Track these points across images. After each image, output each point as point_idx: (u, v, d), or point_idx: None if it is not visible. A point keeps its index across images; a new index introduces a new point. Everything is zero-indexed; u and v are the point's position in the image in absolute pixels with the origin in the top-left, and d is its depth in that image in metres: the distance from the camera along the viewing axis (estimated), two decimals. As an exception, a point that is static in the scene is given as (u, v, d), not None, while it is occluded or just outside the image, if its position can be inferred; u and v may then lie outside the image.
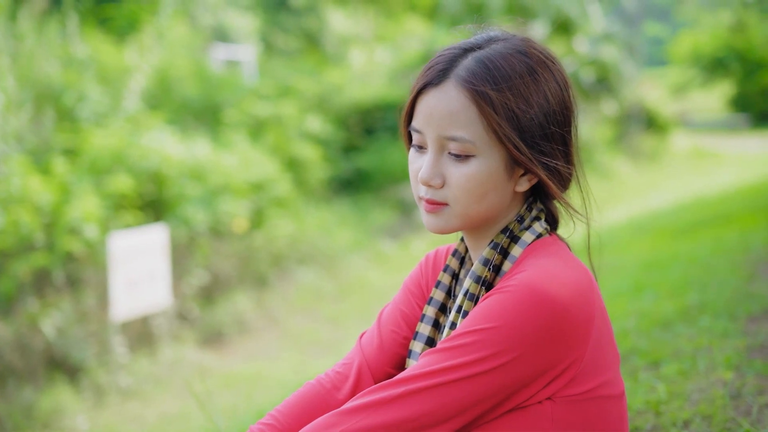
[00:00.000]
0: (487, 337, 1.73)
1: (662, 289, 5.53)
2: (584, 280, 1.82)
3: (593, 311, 1.80)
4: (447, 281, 2.08)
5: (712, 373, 3.28)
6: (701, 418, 2.81)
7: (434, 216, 1.92)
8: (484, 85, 1.84)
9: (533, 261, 1.85)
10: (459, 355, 1.74)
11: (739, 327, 4.01)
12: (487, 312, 1.76)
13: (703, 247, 7.34)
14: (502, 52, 1.88)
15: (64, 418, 8.46)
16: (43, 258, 9.42)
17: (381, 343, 2.14)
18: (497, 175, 1.87)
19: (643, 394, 3.18)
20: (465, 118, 1.84)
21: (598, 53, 21.85)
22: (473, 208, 1.89)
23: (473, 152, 1.85)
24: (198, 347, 10.25)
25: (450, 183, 1.88)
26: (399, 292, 2.24)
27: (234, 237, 11.71)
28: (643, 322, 4.46)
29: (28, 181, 9.73)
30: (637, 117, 23.98)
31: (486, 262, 1.92)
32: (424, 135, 1.91)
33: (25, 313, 9.18)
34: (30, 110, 11.23)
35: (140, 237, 9.47)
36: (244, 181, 12.07)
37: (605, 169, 20.38)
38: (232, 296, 11.13)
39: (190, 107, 14.06)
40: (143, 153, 10.96)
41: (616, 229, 11.17)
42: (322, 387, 2.10)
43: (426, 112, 1.90)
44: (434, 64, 1.92)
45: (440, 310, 2.07)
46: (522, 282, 1.76)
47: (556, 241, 1.96)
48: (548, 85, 1.89)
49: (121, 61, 13.00)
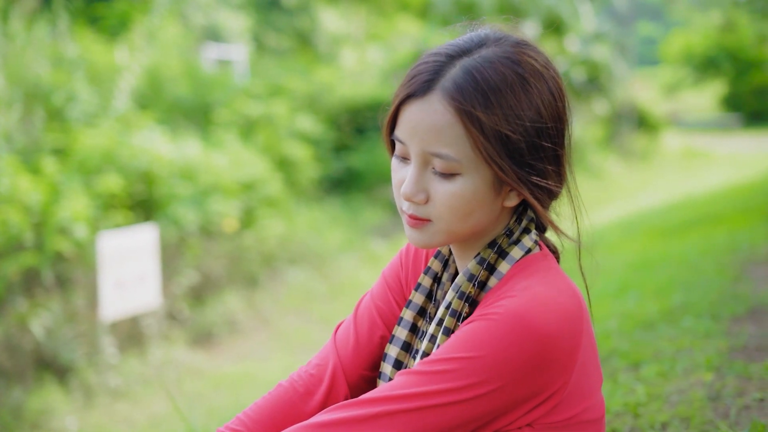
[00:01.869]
0: (470, 365, 1.66)
1: (647, 289, 5.52)
2: (573, 306, 1.73)
3: (580, 339, 1.74)
4: (428, 284, 1.99)
5: (692, 374, 3.27)
6: (679, 420, 2.80)
7: (417, 231, 1.83)
8: (471, 103, 1.71)
9: (522, 282, 1.76)
10: (439, 381, 1.67)
11: (722, 328, 4.01)
12: (472, 339, 1.69)
13: (692, 248, 7.35)
14: (491, 60, 1.76)
15: (53, 419, 8.44)
16: (32, 258, 9.40)
17: (357, 342, 2.06)
18: (483, 192, 1.77)
19: (622, 396, 3.16)
20: (451, 135, 1.74)
21: (589, 53, 21.89)
22: (458, 226, 1.80)
23: (459, 170, 1.75)
24: (188, 348, 10.23)
25: (434, 200, 1.78)
26: (377, 284, 2.14)
27: (224, 237, 11.69)
28: (625, 323, 4.45)
29: (18, 181, 9.70)
30: (628, 117, 24.04)
31: (471, 277, 1.84)
32: (407, 147, 1.80)
33: (14, 313, 9.16)
34: (20, 110, 11.20)
35: (130, 237, 9.46)
36: (235, 181, 12.06)
37: (596, 169, 20.43)
38: (222, 296, 11.12)
39: (181, 107, 14.04)
40: (133, 153, 10.94)
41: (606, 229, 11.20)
42: (295, 392, 2.02)
43: (410, 124, 1.78)
44: (418, 73, 1.79)
45: (419, 314, 1.99)
46: (510, 310, 1.68)
47: (546, 257, 1.86)
48: (541, 96, 1.77)
49: (111, 60, 12.98)
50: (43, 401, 8.60)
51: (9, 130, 10.82)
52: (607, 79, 22.33)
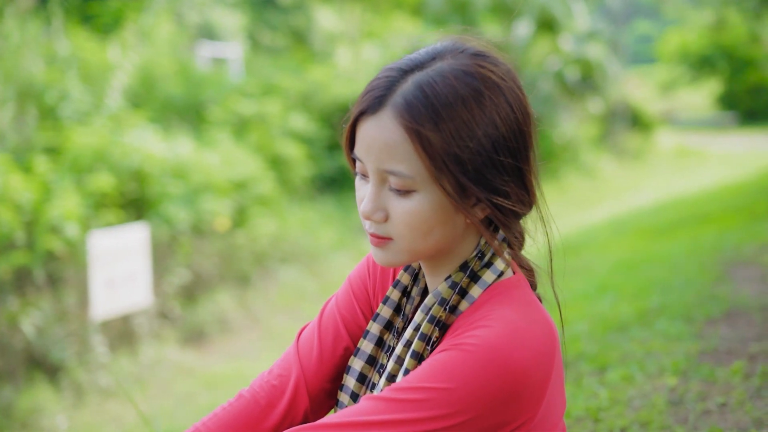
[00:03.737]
0: (439, 396, 1.63)
1: (626, 291, 5.51)
2: (546, 339, 1.70)
3: (551, 372, 1.70)
4: (396, 298, 1.94)
5: (657, 378, 3.27)
6: (639, 425, 2.80)
7: (381, 250, 1.78)
8: (420, 122, 1.66)
9: (497, 311, 1.71)
10: (407, 409, 1.64)
11: (695, 330, 4.01)
12: (444, 369, 1.65)
13: (678, 248, 7.36)
14: (444, 74, 1.70)
15: (44, 418, 8.45)
16: (24, 257, 9.41)
17: (320, 354, 2.01)
18: (442, 209, 1.72)
19: (585, 401, 3.16)
20: (403, 152, 1.69)
21: (582, 52, 21.89)
22: (419, 244, 1.75)
23: (414, 187, 1.70)
24: (179, 347, 10.25)
25: (393, 218, 1.74)
26: (342, 291, 2.09)
27: (216, 236, 11.71)
28: (597, 326, 4.45)
29: (9, 180, 9.71)
30: (622, 115, 24.06)
31: (443, 301, 1.78)
32: (365, 165, 1.75)
33: (5, 312, 9.16)
34: (12, 108, 11.21)
35: (121, 236, 9.46)
36: (227, 180, 12.07)
37: (589, 168, 20.45)
38: (213, 295, 11.13)
39: (174, 105, 14.04)
40: (125, 151, 10.95)
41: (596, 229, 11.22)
42: (257, 404, 1.97)
43: (365, 141, 1.74)
44: (372, 89, 1.74)
45: (386, 328, 1.94)
46: (483, 342, 1.64)
47: (519, 282, 1.81)
48: (498, 109, 1.70)
49: (104, 59, 12.97)
50: (34, 400, 8.62)
51: (1, 128, 10.84)
52: (601, 77, 22.32)
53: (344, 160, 1.96)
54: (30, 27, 12.65)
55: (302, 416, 1.98)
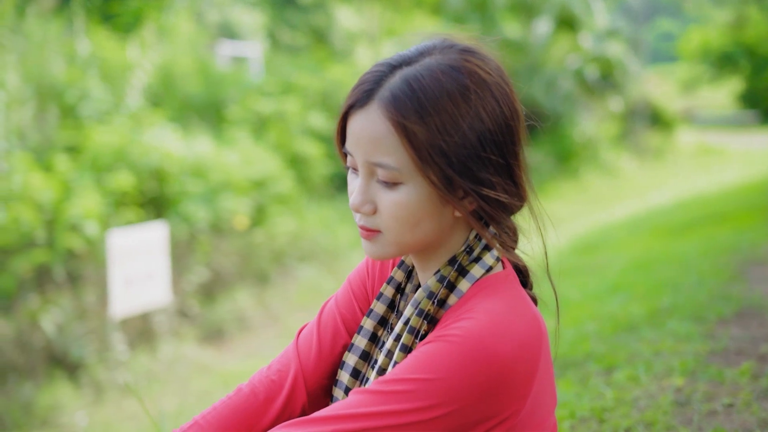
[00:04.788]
0: (423, 387, 1.65)
1: (638, 290, 5.49)
2: (532, 332, 1.72)
3: (537, 365, 1.72)
4: (390, 294, 1.97)
5: (664, 378, 3.26)
6: (644, 426, 2.80)
7: (370, 243, 1.82)
8: (405, 115, 1.70)
9: (481, 304, 1.73)
10: (392, 401, 1.66)
11: (705, 330, 3.99)
12: (429, 360, 1.67)
13: (693, 247, 7.33)
14: (432, 69, 1.73)
15: (63, 415, 8.51)
16: (44, 255, 9.48)
17: (319, 350, 2.03)
18: (429, 201, 1.74)
19: (591, 401, 3.17)
20: (389, 145, 1.72)
21: (602, 50, 21.82)
22: (407, 236, 1.77)
23: (401, 179, 1.73)
24: (198, 344, 10.29)
25: (381, 210, 1.77)
26: (341, 290, 2.12)
27: (235, 234, 11.74)
28: (606, 326, 4.45)
29: (30, 178, 9.79)
30: (642, 114, 23.96)
31: (431, 295, 1.81)
32: (354, 158, 1.79)
33: (26, 310, 9.24)
34: (33, 107, 11.29)
35: (140, 234, 9.50)
36: (246, 179, 12.11)
37: (609, 167, 20.38)
38: (232, 293, 11.17)
39: (193, 104, 14.08)
40: (145, 150, 11.01)
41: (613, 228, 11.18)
42: (255, 398, 1.99)
43: (354, 135, 1.77)
44: (361, 83, 1.78)
45: (380, 324, 1.97)
46: (467, 333, 1.66)
47: (508, 277, 1.83)
48: (483, 103, 1.72)
49: (124, 58, 13.04)
50: (54, 397, 8.68)
51: (23, 127, 10.91)
52: (621, 76, 22.25)
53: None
54: (52, 26, 12.73)
55: (300, 411, 2.01)
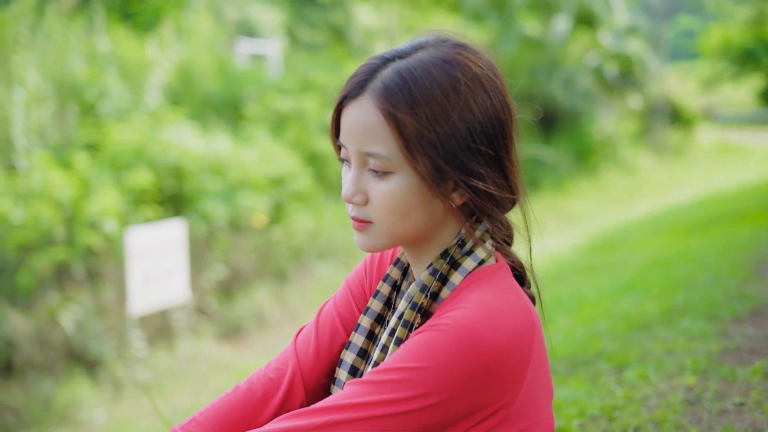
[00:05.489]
0: (415, 376, 1.66)
1: (653, 289, 5.47)
2: (523, 320, 1.73)
3: (529, 354, 1.72)
4: (386, 291, 1.99)
5: (676, 377, 3.25)
6: (653, 425, 2.79)
7: (362, 234, 1.84)
8: (395, 105, 1.73)
9: (472, 295, 1.74)
10: (385, 391, 1.67)
11: (719, 329, 3.97)
12: (419, 349, 1.68)
13: (711, 245, 7.29)
14: (424, 62, 1.77)
15: (82, 411, 8.56)
16: (63, 252, 9.54)
17: (317, 349, 2.06)
18: (420, 191, 1.77)
19: (600, 400, 3.16)
20: (380, 134, 1.75)
21: (622, 47, 21.73)
22: (398, 227, 1.79)
23: (391, 169, 1.76)
24: (216, 342, 10.33)
25: (372, 201, 1.79)
26: (340, 291, 2.13)
27: (253, 232, 11.77)
28: (619, 325, 4.43)
29: (50, 176, 9.85)
30: (662, 111, 23.86)
31: (424, 288, 1.82)
32: (347, 149, 1.82)
33: (45, 307, 9.30)
34: (53, 105, 11.35)
35: (159, 231, 9.53)
36: (264, 176, 12.13)
37: (628, 164, 20.31)
38: (250, 291, 11.20)
39: (212, 102, 14.12)
40: (163, 148, 11.06)
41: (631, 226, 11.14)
42: (253, 395, 2.01)
43: (347, 126, 1.80)
44: (355, 75, 1.82)
45: (376, 321, 1.99)
46: (458, 322, 1.67)
47: (501, 268, 1.84)
48: (474, 95, 1.76)
49: (143, 56, 13.09)
50: (72, 394, 8.73)
51: (43, 125, 10.98)
52: (641, 73, 22.15)
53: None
54: (72, 25, 12.80)
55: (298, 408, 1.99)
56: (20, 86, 10.94)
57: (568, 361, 3.85)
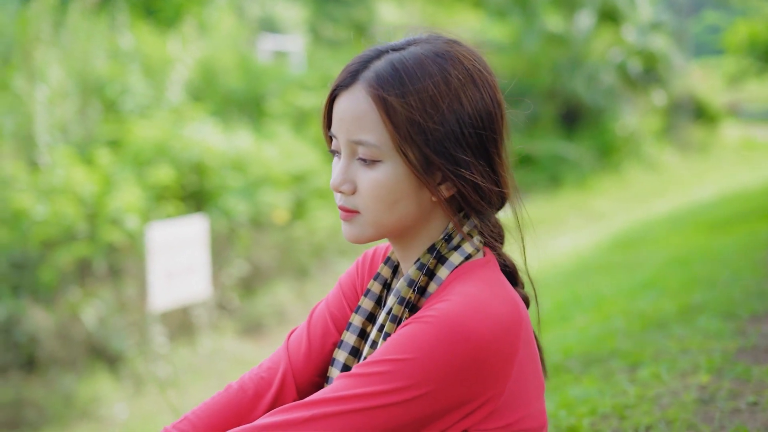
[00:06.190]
0: (400, 368, 1.67)
1: (671, 286, 5.43)
2: (509, 312, 1.73)
3: (516, 346, 1.72)
4: (377, 290, 1.99)
5: (690, 376, 3.23)
6: (665, 423, 2.77)
7: (349, 224, 1.85)
8: (387, 90, 1.76)
9: (459, 288, 1.76)
10: (371, 383, 1.68)
11: (736, 327, 3.93)
12: (403, 342, 1.69)
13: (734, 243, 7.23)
14: (417, 55, 1.80)
15: (103, 407, 8.61)
16: (85, 248, 9.58)
17: (309, 348, 2.07)
18: (407, 181, 1.78)
19: (612, 398, 3.14)
20: (370, 122, 1.77)
21: (646, 43, 21.60)
22: (385, 217, 1.81)
23: (380, 157, 1.78)
24: (237, 338, 10.35)
25: (360, 190, 1.80)
26: (332, 291, 2.15)
27: (274, 228, 11.78)
28: (635, 323, 4.40)
29: (72, 172, 9.90)
30: (686, 107, 23.70)
31: (411, 283, 1.83)
32: (338, 140, 1.83)
33: (67, 303, 9.35)
34: (76, 102, 11.41)
35: (180, 228, 9.54)
36: (286, 172, 12.14)
37: (652, 161, 20.20)
38: (272, 287, 11.22)
39: (234, 99, 14.16)
40: (185, 144, 11.10)
41: (654, 223, 11.08)
42: (245, 394, 2.02)
43: (338, 116, 1.82)
44: (348, 66, 1.85)
45: (368, 320, 1.99)
46: (442, 314, 1.68)
47: (488, 263, 1.85)
48: (464, 88, 1.78)
49: (165, 52, 13.13)
50: (94, 389, 8.78)
51: (65, 121, 11.03)
52: (665, 69, 22.02)
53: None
54: (95, 22, 12.85)
55: None
56: (43, 83, 11.00)
57: (581, 359, 3.83)
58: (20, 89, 10.95)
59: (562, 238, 12.43)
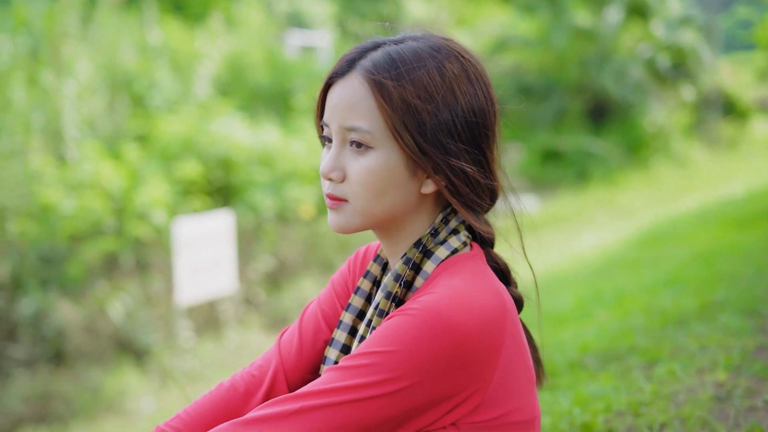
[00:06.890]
0: (384, 360, 1.69)
1: (694, 283, 5.39)
2: (494, 304, 1.75)
3: (501, 338, 1.74)
4: (367, 287, 2.01)
5: (707, 373, 3.21)
6: (680, 421, 2.77)
7: (335, 213, 1.86)
8: (382, 74, 1.78)
9: (444, 281, 1.78)
10: (356, 375, 1.70)
11: (757, 324, 3.90)
12: (387, 334, 1.71)
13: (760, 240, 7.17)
14: (413, 47, 1.83)
15: (130, 400, 8.66)
16: (112, 242, 9.65)
17: (300, 346, 2.09)
18: (397, 171, 1.81)
19: (628, 395, 3.13)
20: (364, 109, 1.79)
21: (675, 38, 21.45)
22: (373, 205, 1.82)
23: (372, 144, 1.79)
24: (263, 332, 10.38)
25: (349, 177, 1.82)
26: (324, 291, 2.17)
27: (301, 223, 11.80)
28: (655, 320, 4.38)
29: (100, 167, 9.96)
30: (715, 103, 23.51)
31: (398, 277, 1.85)
32: (330, 128, 1.85)
33: (94, 297, 9.42)
34: (104, 97, 11.48)
35: (207, 222, 9.58)
36: (312, 168, 12.15)
37: (681, 157, 20.04)
38: (298, 282, 11.23)
39: (261, 94, 14.18)
40: (212, 139, 11.15)
41: (681, 219, 11.00)
42: (236, 392, 2.05)
43: (331, 103, 1.84)
44: (344, 55, 1.88)
45: (358, 317, 2.01)
46: (425, 306, 1.70)
47: (475, 256, 1.87)
48: (459, 81, 1.82)
49: (192, 48, 13.19)
50: (120, 383, 8.83)
51: (94, 116, 11.10)
52: (694, 64, 21.86)
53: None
54: (123, 17, 12.92)
55: None
56: (72, 78, 11.08)
57: (599, 356, 3.82)
58: (49, 84, 11.03)
59: (588, 234, 12.38)
